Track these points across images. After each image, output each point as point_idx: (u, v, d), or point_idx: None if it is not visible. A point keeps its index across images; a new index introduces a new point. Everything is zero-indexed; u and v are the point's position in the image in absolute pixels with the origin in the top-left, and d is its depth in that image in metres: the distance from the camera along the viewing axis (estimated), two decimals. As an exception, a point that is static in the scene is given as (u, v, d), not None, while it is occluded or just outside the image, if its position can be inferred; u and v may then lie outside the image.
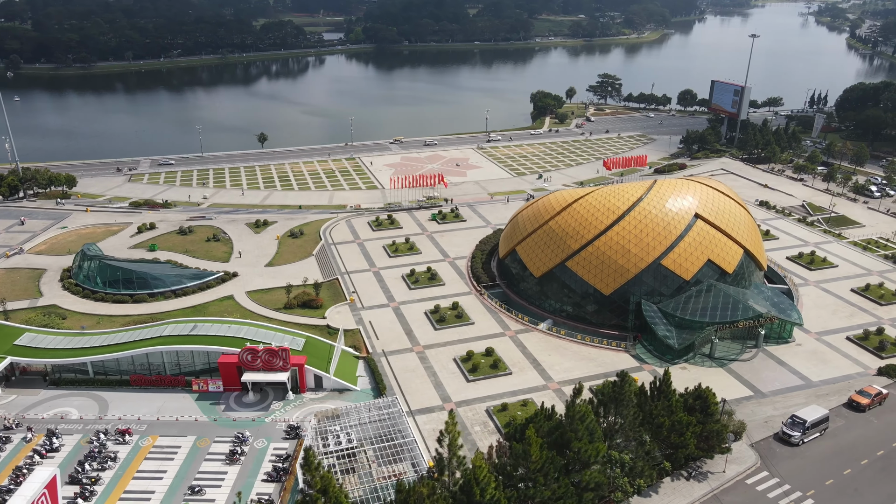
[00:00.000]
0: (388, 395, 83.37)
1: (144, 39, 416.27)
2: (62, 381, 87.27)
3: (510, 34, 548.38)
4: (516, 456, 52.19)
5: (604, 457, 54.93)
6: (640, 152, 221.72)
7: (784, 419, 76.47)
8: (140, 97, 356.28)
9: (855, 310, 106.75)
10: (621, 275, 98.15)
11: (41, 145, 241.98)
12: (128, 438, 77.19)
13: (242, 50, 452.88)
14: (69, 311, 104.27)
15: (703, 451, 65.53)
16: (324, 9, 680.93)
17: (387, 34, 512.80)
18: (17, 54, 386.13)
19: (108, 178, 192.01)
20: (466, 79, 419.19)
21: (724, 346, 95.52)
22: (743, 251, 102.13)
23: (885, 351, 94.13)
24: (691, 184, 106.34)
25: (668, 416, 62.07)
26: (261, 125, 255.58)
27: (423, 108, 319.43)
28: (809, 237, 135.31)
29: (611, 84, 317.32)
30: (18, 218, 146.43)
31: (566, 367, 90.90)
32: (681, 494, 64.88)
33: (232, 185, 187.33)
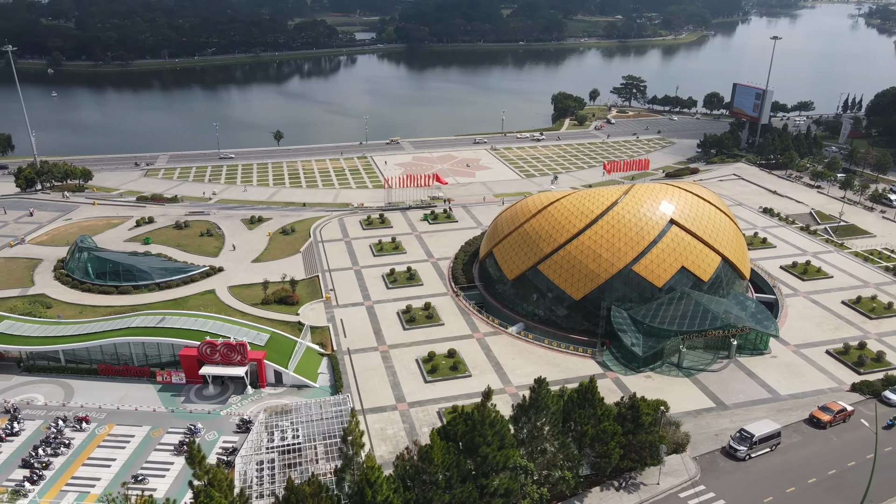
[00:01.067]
0: (344, 393, 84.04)
1: (181, 38, 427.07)
2: (35, 368, 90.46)
3: (543, 35, 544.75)
4: (421, 458, 52.13)
5: (513, 463, 54.35)
6: (657, 156, 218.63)
7: (733, 433, 74.46)
8: (172, 94, 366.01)
9: (841, 323, 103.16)
10: (592, 280, 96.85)
11: (71, 140, 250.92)
12: (85, 426, 79.56)
13: (275, 49, 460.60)
14: (55, 301, 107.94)
15: (634, 461, 64.22)
16: (360, 9, 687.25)
17: (418, 34, 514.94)
18: (59, 52, 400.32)
19: (126, 173, 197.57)
20: (494, 79, 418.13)
21: (695, 356, 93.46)
22: (721, 259, 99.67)
23: (863, 366, 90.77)
24: (670, 189, 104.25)
25: (596, 424, 61.01)
26: (282, 123, 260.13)
27: (445, 109, 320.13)
28: (809, 246, 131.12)
29: (635, 86, 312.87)
30: (28, 209, 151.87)
31: (528, 371, 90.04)
32: (610, 504, 63.98)
33: (242, 182, 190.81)
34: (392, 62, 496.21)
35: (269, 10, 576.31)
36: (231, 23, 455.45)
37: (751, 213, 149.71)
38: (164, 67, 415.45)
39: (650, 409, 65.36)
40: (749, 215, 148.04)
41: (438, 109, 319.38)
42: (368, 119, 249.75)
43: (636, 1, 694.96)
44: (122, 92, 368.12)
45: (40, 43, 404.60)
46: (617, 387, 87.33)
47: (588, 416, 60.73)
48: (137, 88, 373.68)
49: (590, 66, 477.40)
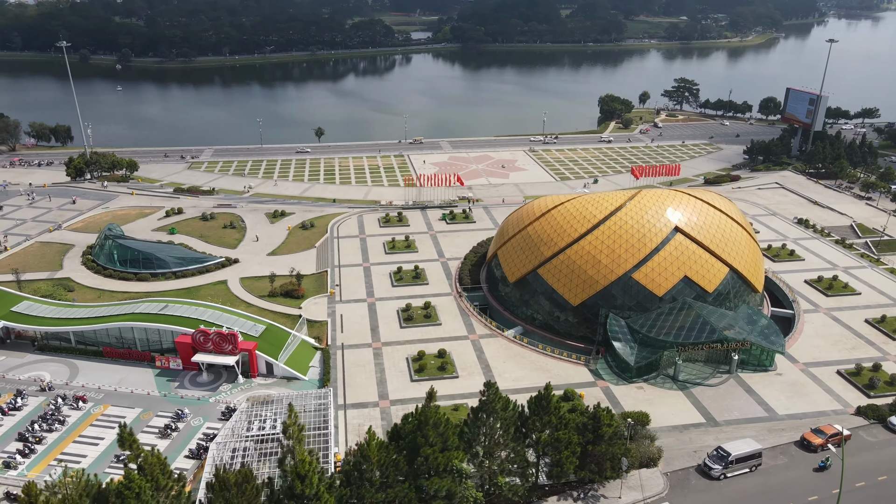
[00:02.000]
0: (329, 387, 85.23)
1: (242, 36, 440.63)
2: (48, 348, 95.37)
3: (601, 36, 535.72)
4: (360, 455, 52.44)
5: (452, 466, 53.87)
6: (701, 162, 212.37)
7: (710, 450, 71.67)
8: (227, 90, 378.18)
9: (860, 342, 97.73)
10: (590, 286, 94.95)
11: (127, 132, 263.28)
12: (82, 405, 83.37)
13: (331, 47, 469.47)
14: (78, 285, 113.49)
15: (593, 472, 62.65)
16: (420, 8, 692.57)
17: (474, 34, 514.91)
18: (128, 48, 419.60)
19: (171, 165, 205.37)
20: (545, 81, 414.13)
21: (693, 369, 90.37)
22: (729, 270, 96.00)
23: (874, 389, 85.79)
24: (679, 196, 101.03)
25: (552, 432, 59.83)
26: (329, 120, 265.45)
27: (490, 109, 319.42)
28: (841, 260, 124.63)
29: (687, 89, 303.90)
30: (71, 197, 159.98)
31: (516, 375, 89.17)
32: (570, 515, 62.65)
33: (279, 177, 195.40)
34: (447, 62, 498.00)
35: (329, 10, 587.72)
36: (290, 21, 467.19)
37: (783, 223, 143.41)
38: (224, 64, 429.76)
39: (613, 421, 63.54)
40: (781, 226, 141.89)
41: (483, 110, 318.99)
42: (408, 118, 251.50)
43: (703, 1, 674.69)
44: (183, 88, 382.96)
45: (112, 40, 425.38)
46: (605, 396, 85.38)
47: (544, 424, 59.61)
48: (198, 84, 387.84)
49: (646, 68, 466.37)
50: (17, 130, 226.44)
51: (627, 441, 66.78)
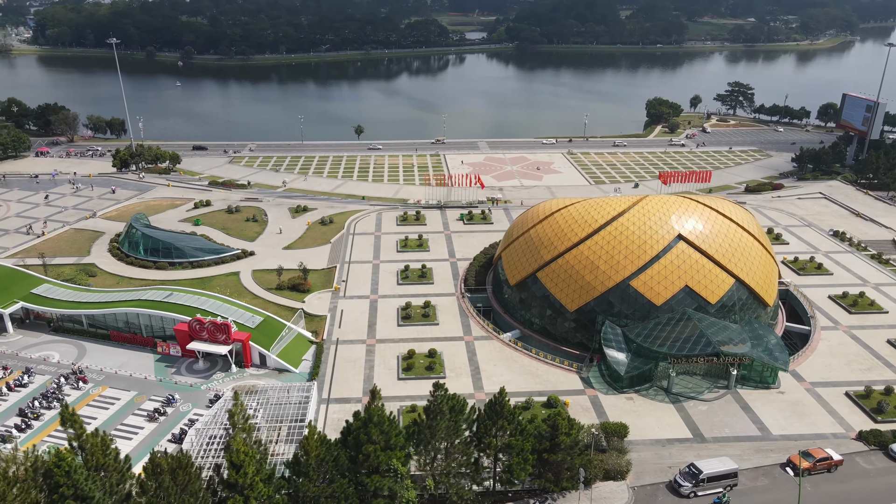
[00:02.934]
0: (315, 381, 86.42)
1: (299, 35, 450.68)
2: (62, 329, 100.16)
3: (660, 37, 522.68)
4: (301, 449, 52.99)
5: (387, 465, 53.64)
6: (746, 169, 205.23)
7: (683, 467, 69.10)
8: (278, 87, 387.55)
9: (878, 364, 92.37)
10: (587, 292, 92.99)
11: (179, 126, 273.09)
12: (82, 385, 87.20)
13: (385, 47, 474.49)
14: (101, 271, 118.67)
15: (549, 481, 61.29)
16: (479, 8, 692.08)
17: (529, 34, 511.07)
18: (191, 46, 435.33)
19: (214, 159, 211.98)
20: (596, 83, 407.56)
21: (689, 382, 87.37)
22: (735, 282, 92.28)
23: (882, 413, 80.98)
24: (686, 202, 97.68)
25: (505, 437, 58.89)
26: (372, 118, 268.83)
27: (535, 110, 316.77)
28: (873, 276, 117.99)
29: (742, 93, 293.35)
30: (111, 187, 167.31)
31: (505, 379, 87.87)
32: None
33: (314, 173, 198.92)
34: (500, 62, 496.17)
35: (387, 10, 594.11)
36: (346, 21, 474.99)
37: (817, 235, 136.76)
38: (280, 62, 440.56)
39: (573, 430, 61.94)
40: (814, 238, 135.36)
41: (527, 111, 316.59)
42: (447, 117, 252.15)
43: (774, 3, 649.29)
44: (238, 85, 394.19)
45: (177, 38, 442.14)
46: (592, 405, 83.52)
47: (497, 429, 58.74)
48: (254, 81, 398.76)
49: (706, 71, 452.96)
50: (75, 123, 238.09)
51: (591, 451, 65.11)
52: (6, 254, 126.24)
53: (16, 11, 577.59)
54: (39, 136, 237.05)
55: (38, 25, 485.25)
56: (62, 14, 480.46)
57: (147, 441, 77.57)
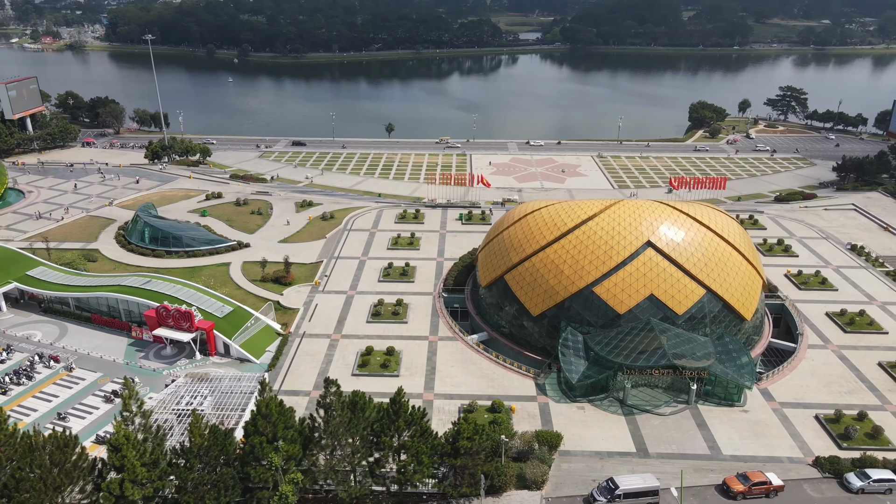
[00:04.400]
0: (274, 371, 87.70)
1: (352, 34, 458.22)
2: (51, 310, 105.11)
3: (722, 39, 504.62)
4: (189, 437, 53.90)
5: (265, 458, 53.69)
6: (785, 177, 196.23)
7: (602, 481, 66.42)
8: (325, 85, 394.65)
9: (860, 387, 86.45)
10: (551, 296, 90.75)
11: (221, 120, 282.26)
12: (53, 364, 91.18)
13: (437, 46, 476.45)
14: (102, 256, 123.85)
15: (451, 486, 60.03)
16: (539, 9, 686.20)
17: (584, 35, 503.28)
18: (248, 44, 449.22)
19: (245, 153, 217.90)
20: (646, 85, 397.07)
21: (646, 395, 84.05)
22: (706, 293, 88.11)
23: (848, 440, 75.76)
24: (662, 208, 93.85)
25: (405, 438, 58.07)
26: (406, 117, 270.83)
27: (575, 111, 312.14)
28: (882, 294, 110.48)
29: (794, 98, 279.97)
30: (135, 177, 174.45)
31: (457, 381, 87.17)
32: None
33: (338, 169, 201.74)
34: (554, 63, 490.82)
35: (445, 9, 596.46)
36: (400, 20, 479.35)
37: (832, 248, 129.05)
38: (333, 60, 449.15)
39: (477, 435, 60.38)
40: (828, 251, 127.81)
41: (568, 112, 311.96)
42: (477, 117, 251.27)
43: (851, 4, 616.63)
44: (288, 82, 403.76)
45: (235, 36, 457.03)
46: (540, 412, 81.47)
47: (395, 429, 58.00)
48: (306, 79, 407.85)
49: (767, 75, 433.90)
50: (122, 115, 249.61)
51: (502, 458, 63.52)
52: (24, 236, 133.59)
53: (94, 10, 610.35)
54: (91, 128, 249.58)
55: (111, 23, 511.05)
56: (132, 12, 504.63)
57: (98, 421, 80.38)
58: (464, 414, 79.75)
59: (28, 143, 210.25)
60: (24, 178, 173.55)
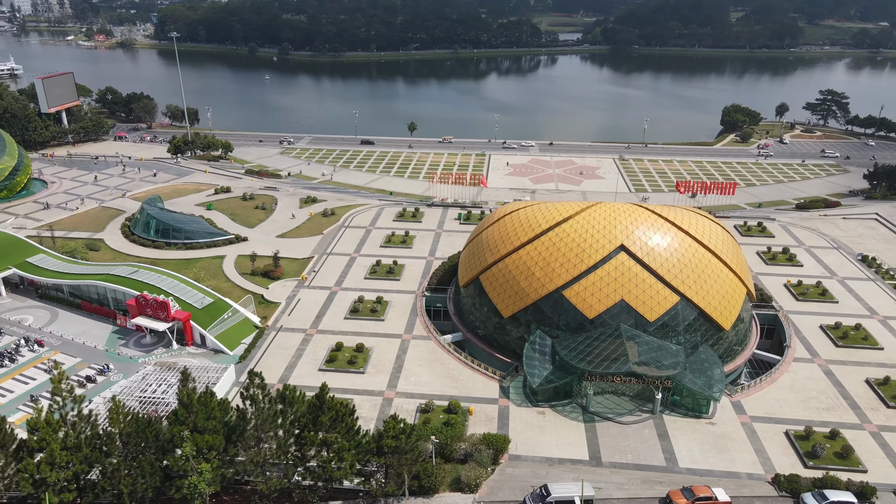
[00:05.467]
0: (233, 364, 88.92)
1: (390, 33, 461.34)
2: (46, 296, 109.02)
3: (771, 41, 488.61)
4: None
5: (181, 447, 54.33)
6: (814, 184, 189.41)
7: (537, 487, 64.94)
8: (358, 84, 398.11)
9: (841, 404, 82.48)
10: (521, 298, 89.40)
11: (253, 116, 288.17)
12: (37, 348, 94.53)
13: (475, 46, 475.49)
14: (105, 246, 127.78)
15: (378, 484, 59.56)
16: (584, 9, 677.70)
17: (625, 36, 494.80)
18: (288, 42, 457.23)
19: (267, 149, 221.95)
20: (686, 87, 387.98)
21: (612, 402, 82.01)
22: (680, 300, 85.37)
23: (815, 459, 72.40)
24: (640, 212, 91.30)
25: (324, 433, 57.91)
26: (433, 116, 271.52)
27: (603, 113, 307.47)
28: (885, 308, 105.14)
29: (835, 102, 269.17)
30: (153, 171, 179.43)
31: (422, 381, 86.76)
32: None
33: (356, 167, 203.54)
34: (594, 64, 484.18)
35: (487, 9, 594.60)
36: (438, 20, 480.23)
37: (841, 259, 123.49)
38: (370, 60, 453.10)
39: (404, 435, 59.73)
40: (836, 261, 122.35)
41: (596, 113, 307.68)
42: (499, 117, 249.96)
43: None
44: (323, 80, 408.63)
45: (276, 34, 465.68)
46: (498, 416, 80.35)
47: (318, 425, 57.96)
48: (344, 77, 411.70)
49: (816, 78, 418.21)
50: (154, 111, 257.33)
51: (433, 459, 62.81)
52: (38, 224, 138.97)
53: (147, 9, 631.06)
54: (126, 122, 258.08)
55: (160, 22, 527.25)
56: (181, 11, 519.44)
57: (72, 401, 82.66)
58: (420, 414, 79.47)
59: (63, 136, 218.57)
60: (50, 170, 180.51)
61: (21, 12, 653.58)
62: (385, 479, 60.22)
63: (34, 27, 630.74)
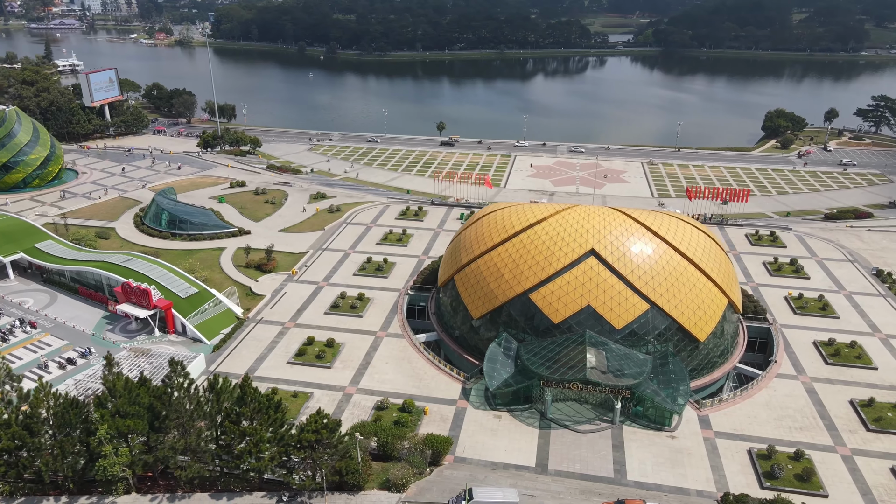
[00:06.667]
0: (203, 354, 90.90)
1: (436, 33, 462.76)
2: (50, 280, 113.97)
3: (833, 44, 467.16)
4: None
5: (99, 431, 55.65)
6: (852, 194, 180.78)
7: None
8: (400, 83, 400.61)
9: (816, 424, 78.27)
10: (490, 300, 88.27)
11: (288, 113, 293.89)
12: (30, 329, 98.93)
13: (521, 47, 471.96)
14: (115, 235, 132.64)
15: (304, 478, 59.78)
16: (640, 10, 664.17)
17: (677, 37, 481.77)
18: (336, 42, 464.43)
19: (296, 145, 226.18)
20: (735, 91, 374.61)
21: (572, 410, 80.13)
22: (650, 308, 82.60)
23: (773, 479, 69.03)
24: (612, 215, 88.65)
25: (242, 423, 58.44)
26: (465, 116, 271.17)
27: (641, 116, 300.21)
28: (890, 326, 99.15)
29: (889, 109, 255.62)
30: (178, 164, 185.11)
31: (386, 378, 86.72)
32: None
33: (378, 165, 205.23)
34: (644, 66, 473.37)
35: (539, 10, 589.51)
36: (485, 20, 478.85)
37: (853, 273, 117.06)
38: (415, 59, 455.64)
39: (324, 431, 59.61)
40: (848, 275, 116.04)
41: (633, 116, 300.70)
42: (527, 118, 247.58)
43: None
44: (366, 78, 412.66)
45: (325, 34, 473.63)
46: (453, 417, 79.58)
47: (242, 416, 58.66)
48: (391, 76, 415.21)
49: (878, 83, 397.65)
50: (193, 106, 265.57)
51: (359, 456, 62.58)
52: (60, 211, 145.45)
53: (207, 8, 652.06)
54: (168, 117, 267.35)
55: (216, 21, 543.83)
56: (236, 11, 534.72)
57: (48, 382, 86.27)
58: (374, 411, 79.45)
59: (104, 130, 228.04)
60: (83, 161, 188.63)
61: (91, 11, 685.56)
62: (312, 473, 60.40)
63: (102, 25, 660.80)
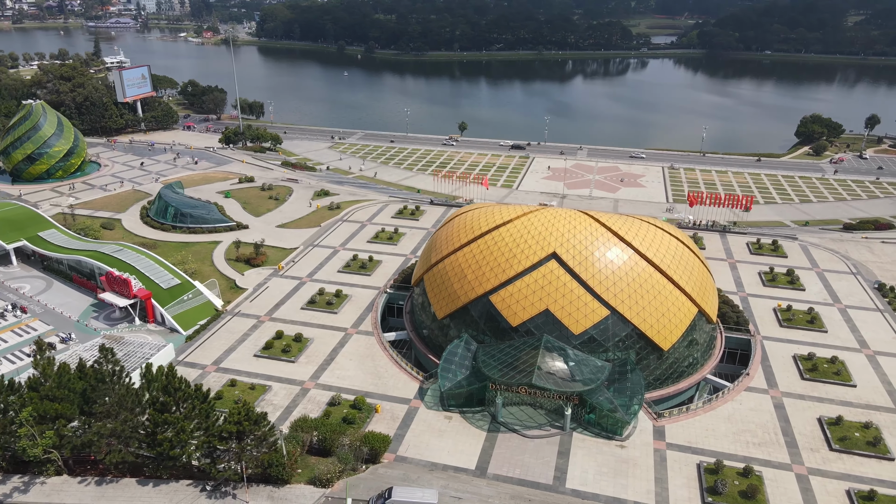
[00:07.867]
0: (172, 343, 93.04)
1: (474, 33, 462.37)
2: (50, 268, 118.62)
3: (889, 48, 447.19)
4: None
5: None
6: (882, 204, 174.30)
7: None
8: (434, 83, 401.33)
9: (775, 440, 75.26)
10: (453, 301, 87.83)
11: (315, 111, 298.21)
12: (20, 314, 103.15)
13: (561, 48, 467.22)
14: (119, 226, 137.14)
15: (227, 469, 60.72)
16: (688, 11, 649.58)
17: (723, 39, 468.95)
18: (374, 41, 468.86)
19: (316, 143, 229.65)
20: (778, 96, 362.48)
21: (525, 415, 79.02)
22: (610, 314, 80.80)
23: (716, 495, 66.77)
24: (578, 218, 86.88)
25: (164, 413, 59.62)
26: (500, 118, 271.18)
27: (673, 119, 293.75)
28: (881, 343, 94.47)
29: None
30: (195, 159, 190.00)
31: (347, 374, 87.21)
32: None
33: (394, 164, 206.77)
34: (687, 69, 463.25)
35: (583, 10, 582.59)
36: (525, 21, 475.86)
37: (853, 286, 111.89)
38: (452, 59, 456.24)
39: (245, 422, 60.32)
40: (847, 288, 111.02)
41: (662, 118, 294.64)
42: (549, 120, 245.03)
43: None
44: (403, 78, 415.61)
45: (365, 33, 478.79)
46: (403, 416, 79.45)
47: (167, 406, 59.91)
48: (428, 76, 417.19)
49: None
50: (223, 103, 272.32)
51: (283, 449, 63.19)
52: (74, 201, 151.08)
53: (255, 7, 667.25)
54: (200, 113, 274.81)
55: (261, 20, 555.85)
56: (280, 10, 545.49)
57: (25, 366, 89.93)
58: (326, 407, 79.99)
59: (136, 125, 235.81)
60: (108, 154, 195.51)
61: (146, 10, 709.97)
62: (237, 465, 61.33)
63: (156, 24, 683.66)
